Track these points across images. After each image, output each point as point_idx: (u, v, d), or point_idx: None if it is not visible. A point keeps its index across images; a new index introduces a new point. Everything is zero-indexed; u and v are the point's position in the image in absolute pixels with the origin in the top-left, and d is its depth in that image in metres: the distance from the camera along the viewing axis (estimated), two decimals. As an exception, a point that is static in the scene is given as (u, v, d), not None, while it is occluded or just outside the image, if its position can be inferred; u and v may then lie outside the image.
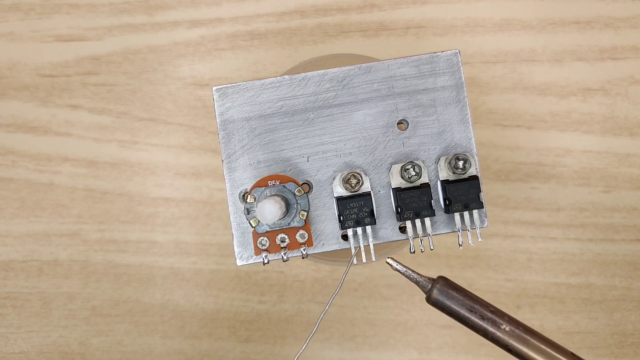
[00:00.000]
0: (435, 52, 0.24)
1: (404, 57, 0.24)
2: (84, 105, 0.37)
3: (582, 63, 0.36)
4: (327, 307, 0.23)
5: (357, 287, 0.36)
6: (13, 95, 0.37)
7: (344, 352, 0.35)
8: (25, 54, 0.37)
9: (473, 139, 0.24)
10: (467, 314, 0.21)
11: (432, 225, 0.23)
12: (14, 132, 0.37)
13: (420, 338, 0.35)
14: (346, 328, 0.35)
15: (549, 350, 0.21)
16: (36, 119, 0.37)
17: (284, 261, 0.23)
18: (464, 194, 0.23)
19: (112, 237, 0.36)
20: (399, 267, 0.22)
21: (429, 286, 0.22)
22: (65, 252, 0.36)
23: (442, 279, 0.22)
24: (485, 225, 0.23)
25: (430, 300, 0.22)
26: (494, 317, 0.21)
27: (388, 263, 0.22)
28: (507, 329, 0.21)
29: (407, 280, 0.36)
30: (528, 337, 0.21)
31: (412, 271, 0.22)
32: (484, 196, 0.23)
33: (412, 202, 0.23)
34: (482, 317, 0.21)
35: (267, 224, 0.23)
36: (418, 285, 0.22)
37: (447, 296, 0.21)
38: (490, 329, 0.21)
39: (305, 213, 0.23)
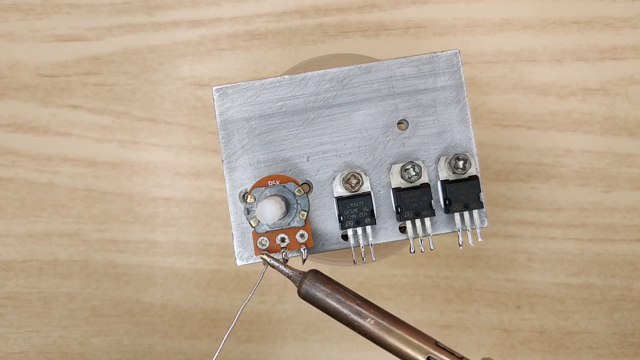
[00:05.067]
0: (435, 52, 0.24)
1: (404, 57, 0.24)
2: (84, 105, 0.37)
3: (582, 63, 0.36)
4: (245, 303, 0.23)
5: (357, 287, 0.35)
6: (13, 95, 0.37)
7: (344, 352, 0.35)
8: (25, 54, 0.37)
9: (473, 139, 0.24)
10: (335, 306, 0.22)
11: (432, 225, 0.23)
12: (14, 132, 0.37)
13: (420, 338, 0.35)
14: (346, 328, 0.35)
15: (413, 340, 0.21)
16: (36, 119, 0.37)
17: (284, 262, 0.23)
18: (464, 194, 0.23)
19: (112, 237, 0.36)
20: (272, 262, 0.22)
21: (299, 280, 0.22)
22: (65, 252, 0.36)
23: (313, 272, 0.22)
24: (485, 225, 0.23)
25: (300, 294, 0.22)
26: (360, 309, 0.22)
27: (262, 258, 0.23)
28: (371, 322, 0.21)
29: (408, 280, 0.36)
30: (393, 328, 0.21)
31: (285, 265, 0.22)
32: (484, 196, 0.23)
33: (412, 202, 0.23)
34: (351, 310, 0.22)
35: (267, 224, 0.23)
36: (290, 279, 0.22)
37: (316, 289, 0.22)
38: (357, 321, 0.22)
39: (305, 213, 0.23)
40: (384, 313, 0.22)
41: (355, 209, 0.23)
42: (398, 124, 0.24)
